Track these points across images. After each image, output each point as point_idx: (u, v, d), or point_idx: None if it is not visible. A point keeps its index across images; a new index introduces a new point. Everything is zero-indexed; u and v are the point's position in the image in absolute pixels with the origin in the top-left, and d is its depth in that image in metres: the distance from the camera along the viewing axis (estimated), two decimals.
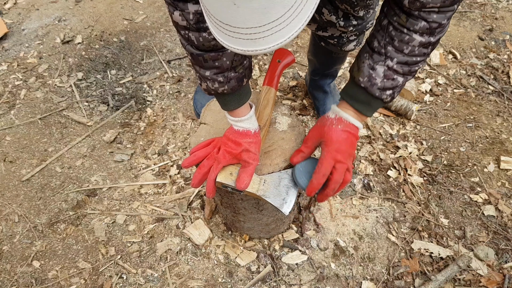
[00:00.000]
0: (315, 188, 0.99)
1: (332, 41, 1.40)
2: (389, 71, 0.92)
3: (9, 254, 1.46)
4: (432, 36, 0.86)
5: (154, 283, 1.38)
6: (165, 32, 2.38)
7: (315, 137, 1.04)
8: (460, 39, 2.32)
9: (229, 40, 0.63)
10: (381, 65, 0.92)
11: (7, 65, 2.17)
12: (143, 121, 1.90)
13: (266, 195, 1.04)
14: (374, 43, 0.93)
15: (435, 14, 0.82)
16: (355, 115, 1.00)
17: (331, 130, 1.00)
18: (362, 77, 0.95)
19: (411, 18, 0.84)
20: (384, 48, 0.90)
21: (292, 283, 1.36)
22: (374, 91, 0.94)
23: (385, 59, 0.91)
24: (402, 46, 0.88)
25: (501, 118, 1.89)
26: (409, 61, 0.90)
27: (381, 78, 0.92)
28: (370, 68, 0.93)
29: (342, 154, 0.98)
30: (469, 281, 1.36)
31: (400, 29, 0.87)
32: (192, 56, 0.92)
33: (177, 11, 0.83)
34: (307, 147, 1.06)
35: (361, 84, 0.95)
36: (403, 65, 0.91)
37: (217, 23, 0.62)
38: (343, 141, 0.99)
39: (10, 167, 1.72)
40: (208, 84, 0.97)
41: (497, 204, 1.56)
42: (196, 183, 1.05)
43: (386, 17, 0.90)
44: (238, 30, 0.59)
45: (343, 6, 1.17)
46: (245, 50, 0.62)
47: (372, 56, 0.93)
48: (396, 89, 0.96)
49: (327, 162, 0.98)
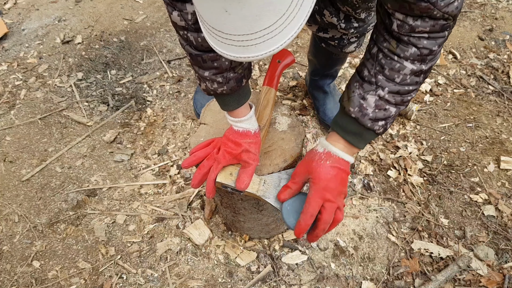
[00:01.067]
0: (303, 230, 0.93)
1: (333, 43, 1.40)
2: (381, 101, 0.88)
3: (9, 254, 1.46)
4: (424, 63, 0.84)
5: (154, 283, 1.38)
6: (165, 32, 2.38)
7: (302, 173, 0.98)
8: (460, 39, 2.32)
9: (221, 46, 0.63)
10: (372, 94, 0.88)
11: (7, 65, 2.17)
12: (143, 121, 1.90)
13: (266, 196, 1.04)
14: (364, 72, 0.90)
15: (425, 40, 0.80)
16: (345, 148, 0.95)
17: (319, 166, 0.94)
18: (352, 107, 0.91)
19: (401, 44, 0.82)
20: (375, 77, 0.87)
21: (292, 283, 1.37)
22: (366, 122, 0.90)
23: (376, 89, 0.88)
24: (393, 75, 0.85)
25: (501, 118, 1.89)
26: (401, 91, 0.87)
27: (373, 109, 0.89)
28: (361, 98, 0.90)
29: (331, 193, 0.92)
30: (469, 281, 1.36)
31: (390, 56, 0.84)
32: (191, 57, 0.92)
33: (175, 11, 0.83)
34: (295, 183, 0.99)
35: (352, 114, 0.91)
36: (395, 95, 0.88)
37: (210, 29, 0.62)
38: (332, 178, 0.93)
39: (10, 167, 1.72)
40: (207, 85, 0.97)
41: (497, 204, 1.56)
42: (196, 183, 1.05)
43: (375, 44, 0.87)
44: (230, 37, 0.59)
45: (344, 8, 1.17)
46: (237, 57, 0.62)
47: (362, 86, 0.90)
48: (388, 120, 0.92)
49: (314, 202, 0.92)
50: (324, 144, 0.96)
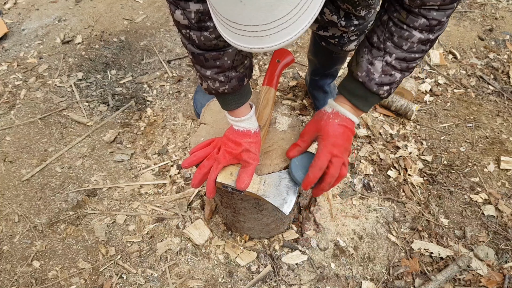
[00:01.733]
0: (311, 182, 0.99)
1: (333, 41, 1.40)
2: (387, 66, 0.92)
3: (9, 254, 1.46)
4: (431, 33, 0.87)
5: (154, 283, 1.38)
6: (165, 32, 2.38)
7: (312, 131, 1.04)
8: (460, 39, 2.32)
9: (235, 38, 0.63)
10: (379, 60, 0.92)
11: (7, 65, 2.17)
12: (143, 121, 1.90)
13: (267, 195, 1.04)
14: (373, 38, 0.93)
15: (435, 11, 0.83)
16: (351, 109, 1.01)
17: (327, 124, 1.00)
18: (360, 72, 0.95)
19: (411, 15, 0.85)
20: (383, 43, 0.91)
21: (292, 283, 1.36)
22: (372, 86, 0.95)
23: (384, 55, 0.91)
24: (401, 42, 0.88)
25: (501, 118, 1.89)
26: (408, 57, 0.90)
27: (379, 73, 0.93)
28: (369, 63, 0.93)
29: (339, 148, 0.98)
30: (469, 281, 1.36)
31: (400, 25, 0.87)
32: (193, 56, 0.92)
33: (178, 10, 0.83)
34: (304, 141, 1.06)
35: (359, 78, 0.95)
36: (401, 61, 0.91)
37: (223, 21, 0.62)
38: (339, 135, 0.99)
39: (10, 167, 1.72)
40: (209, 84, 0.96)
41: (497, 204, 1.56)
42: (196, 183, 1.05)
43: (386, 12, 0.90)
44: (244, 27, 0.59)
45: (344, 5, 1.17)
46: (251, 48, 0.63)
47: (371, 51, 0.93)
48: (393, 85, 0.96)
49: (324, 156, 0.98)
50: (333, 105, 1.02)
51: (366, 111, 1.02)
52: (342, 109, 1.00)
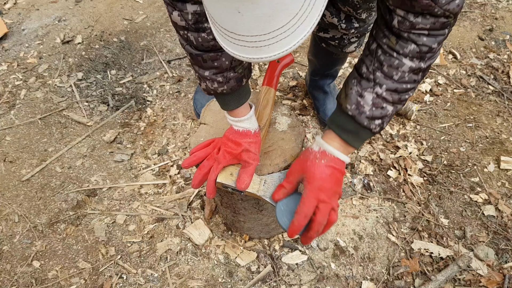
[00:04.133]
0: (296, 230, 0.92)
1: (333, 43, 1.40)
2: (378, 98, 0.87)
3: (9, 254, 1.46)
4: (423, 61, 0.83)
5: (154, 283, 1.38)
6: (165, 32, 2.38)
7: (297, 171, 0.97)
8: (460, 39, 2.32)
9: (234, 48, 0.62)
10: (369, 92, 0.87)
11: (7, 65, 2.17)
12: (143, 121, 1.90)
13: (267, 196, 1.04)
14: (362, 68, 0.89)
15: (425, 37, 0.79)
16: (341, 147, 0.94)
17: (314, 165, 0.93)
18: (349, 105, 0.90)
19: (401, 41, 0.81)
20: (373, 74, 0.86)
21: (292, 283, 1.37)
22: (363, 120, 0.89)
23: (374, 86, 0.87)
24: (391, 72, 0.84)
25: (501, 118, 1.89)
26: (399, 89, 0.86)
27: (370, 106, 0.88)
28: (358, 95, 0.88)
29: (326, 193, 0.91)
30: (469, 281, 1.36)
31: (389, 53, 0.83)
32: (191, 56, 0.92)
33: (176, 11, 0.83)
34: (289, 183, 0.98)
35: (349, 112, 0.90)
36: (393, 93, 0.87)
37: (222, 31, 0.61)
38: (326, 177, 0.91)
39: (10, 167, 1.72)
40: (208, 84, 0.97)
41: (497, 204, 1.56)
42: (196, 183, 1.05)
43: (375, 40, 0.86)
44: (243, 38, 0.59)
45: (345, 8, 1.17)
46: (251, 58, 0.62)
47: (360, 83, 0.89)
48: (385, 119, 0.90)
49: (309, 202, 0.90)
50: (320, 143, 0.95)
51: (357, 147, 0.95)
52: (329, 147, 0.93)
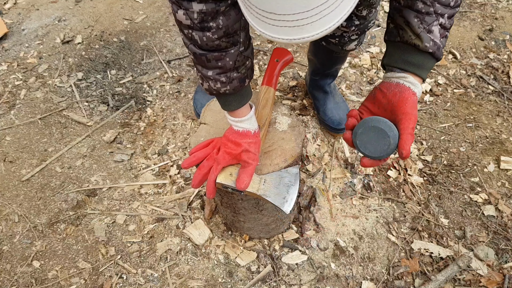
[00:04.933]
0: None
1: (333, 40, 1.40)
2: (442, 29, 0.89)
3: (9, 254, 1.46)
4: None
5: (154, 283, 1.38)
6: (165, 32, 2.38)
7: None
8: (460, 39, 2.32)
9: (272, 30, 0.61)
10: (435, 25, 0.88)
11: (7, 65, 2.17)
12: (143, 121, 1.90)
13: (267, 195, 1.04)
14: (418, 4, 0.88)
15: None
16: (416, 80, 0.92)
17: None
18: (427, 43, 0.89)
19: None
20: (433, 6, 0.87)
21: (292, 283, 1.36)
22: (440, 54, 0.91)
23: (437, 17, 0.88)
24: (448, 0, 0.86)
25: (501, 118, 1.89)
26: (454, 13, 0.89)
27: (439, 38, 0.89)
28: (427, 32, 0.89)
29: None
30: (469, 281, 1.36)
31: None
32: (194, 56, 0.92)
33: (181, 10, 0.82)
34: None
35: (429, 49, 0.89)
36: (450, 20, 0.89)
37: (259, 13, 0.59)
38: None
39: (10, 167, 1.72)
40: (210, 84, 0.96)
41: (497, 204, 1.56)
42: (196, 183, 1.05)
43: None
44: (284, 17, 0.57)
45: None
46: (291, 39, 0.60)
47: (424, 19, 0.89)
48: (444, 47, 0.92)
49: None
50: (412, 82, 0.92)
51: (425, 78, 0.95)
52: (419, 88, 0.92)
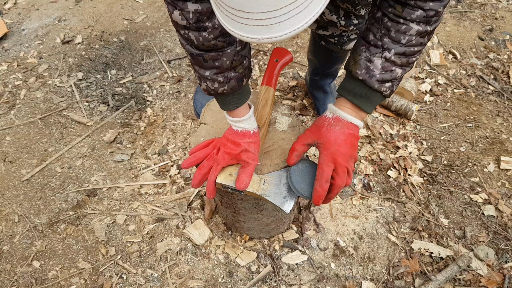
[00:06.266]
0: (322, 196, 0.96)
1: (332, 40, 1.40)
2: (387, 62, 0.90)
3: (9, 254, 1.46)
4: (429, 25, 0.85)
5: (154, 283, 1.38)
6: (165, 32, 2.38)
7: (310, 137, 1.00)
8: (460, 39, 2.32)
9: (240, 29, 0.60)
10: (378, 57, 0.90)
11: (7, 65, 2.17)
12: (143, 121, 1.90)
13: (267, 194, 1.04)
14: (369, 36, 0.91)
15: (431, 2, 0.81)
16: (353, 112, 0.97)
17: (329, 131, 0.97)
18: (359, 70, 0.92)
19: (407, 8, 0.83)
20: (381, 40, 0.89)
21: (292, 283, 1.36)
22: (373, 83, 0.92)
23: (383, 51, 0.89)
24: (399, 37, 0.87)
25: (501, 118, 1.89)
26: (407, 52, 0.89)
27: (379, 70, 0.90)
28: (367, 61, 0.91)
29: (342, 157, 0.95)
30: (469, 281, 1.36)
31: (396, 20, 0.85)
32: (191, 56, 0.92)
33: (176, 10, 0.82)
34: (301, 145, 1.02)
35: (359, 76, 0.92)
36: (401, 56, 0.89)
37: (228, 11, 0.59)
38: (341, 142, 0.95)
39: (10, 167, 1.72)
40: (208, 84, 0.96)
41: (497, 204, 1.56)
42: (196, 183, 1.05)
43: (379, 9, 0.88)
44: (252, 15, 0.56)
45: (344, 5, 1.17)
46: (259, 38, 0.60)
47: (368, 49, 0.91)
48: (395, 82, 0.94)
49: (327, 167, 0.95)
50: (333, 110, 0.98)
51: (370, 112, 0.99)
52: (343, 113, 0.96)
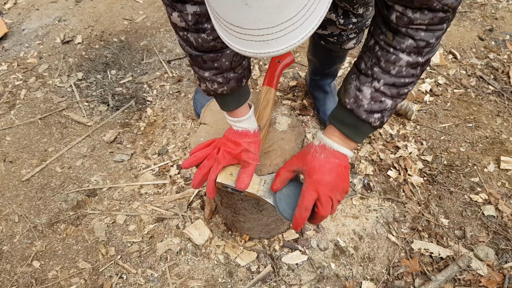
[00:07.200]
0: (300, 223, 0.94)
1: (331, 39, 1.40)
2: (376, 93, 0.88)
3: (9, 254, 1.46)
4: (420, 56, 0.83)
5: (154, 283, 1.38)
6: (165, 32, 2.38)
7: (296, 163, 0.99)
8: (460, 39, 2.32)
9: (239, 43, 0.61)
10: (367, 86, 0.88)
11: (7, 65, 2.17)
12: (143, 121, 1.90)
13: (267, 196, 1.04)
14: (361, 64, 0.90)
15: (422, 32, 0.79)
16: (341, 141, 0.95)
17: (314, 158, 0.94)
18: (348, 99, 0.91)
19: (398, 36, 0.81)
20: (371, 69, 0.87)
21: (292, 283, 1.37)
22: (361, 113, 0.90)
23: (372, 81, 0.87)
24: (388, 67, 0.84)
25: (501, 118, 1.89)
26: (397, 83, 0.86)
27: (368, 100, 0.88)
28: (357, 90, 0.89)
29: (326, 186, 0.92)
30: (469, 281, 1.36)
31: (386, 49, 0.83)
32: (191, 57, 0.92)
33: (175, 12, 0.82)
34: (286, 170, 1.00)
35: (347, 105, 0.91)
36: (391, 87, 0.87)
37: (226, 26, 0.60)
38: (326, 171, 0.93)
39: (10, 167, 1.72)
40: (207, 85, 0.97)
41: (497, 204, 1.56)
42: (196, 183, 1.05)
43: (372, 37, 0.87)
44: (250, 32, 0.58)
45: (342, 4, 1.17)
46: (257, 53, 0.61)
47: (359, 78, 0.90)
48: (384, 113, 0.91)
49: (309, 195, 0.92)
50: (320, 137, 0.97)
51: (359, 142, 0.95)
52: (329, 141, 0.94)
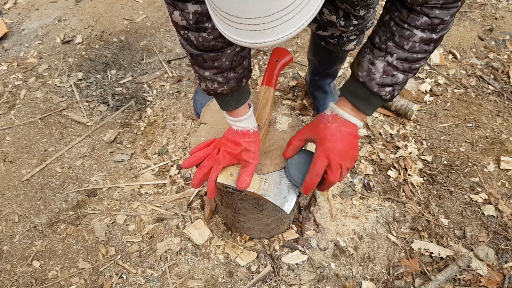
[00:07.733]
0: (310, 187, 0.98)
1: (332, 41, 1.40)
2: (389, 66, 0.90)
3: (9, 254, 1.46)
4: (434, 32, 0.85)
5: (154, 283, 1.38)
6: (165, 32, 2.38)
7: (308, 132, 1.03)
8: (460, 39, 2.32)
9: (235, 33, 0.61)
10: (381, 60, 0.90)
11: (7, 65, 2.17)
12: (143, 121, 1.90)
13: (267, 194, 1.04)
14: (375, 38, 0.92)
15: (437, 9, 0.81)
16: (352, 112, 0.98)
17: (326, 127, 0.98)
18: (361, 72, 0.93)
19: (413, 14, 0.83)
20: (385, 43, 0.89)
21: (292, 283, 1.36)
22: (373, 86, 0.93)
23: (385, 55, 0.90)
24: (402, 42, 0.87)
25: (501, 118, 1.89)
26: (409, 58, 0.89)
27: (380, 74, 0.91)
28: (370, 63, 0.92)
29: (337, 153, 0.96)
30: (469, 281, 1.36)
31: (401, 25, 0.86)
32: (191, 56, 0.92)
33: (176, 11, 0.83)
34: (298, 140, 1.04)
35: (360, 78, 0.94)
36: (403, 62, 0.90)
37: (222, 15, 0.60)
38: (338, 139, 0.96)
39: (10, 167, 1.72)
40: (208, 84, 0.97)
41: (497, 204, 1.56)
42: (196, 183, 1.05)
43: (388, 12, 0.89)
44: (245, 21, 0.58)
45: (343, 5, 1.17)
46: (253, 43, 0.61)
47: (372, 51, 0.92)
48: (395, 87, 0.94)
49: (320, 162, 0.96)
50: (332, 107, 1.00)
51: (369, 114, 0.99)
52: (341, 111, 0.98)
